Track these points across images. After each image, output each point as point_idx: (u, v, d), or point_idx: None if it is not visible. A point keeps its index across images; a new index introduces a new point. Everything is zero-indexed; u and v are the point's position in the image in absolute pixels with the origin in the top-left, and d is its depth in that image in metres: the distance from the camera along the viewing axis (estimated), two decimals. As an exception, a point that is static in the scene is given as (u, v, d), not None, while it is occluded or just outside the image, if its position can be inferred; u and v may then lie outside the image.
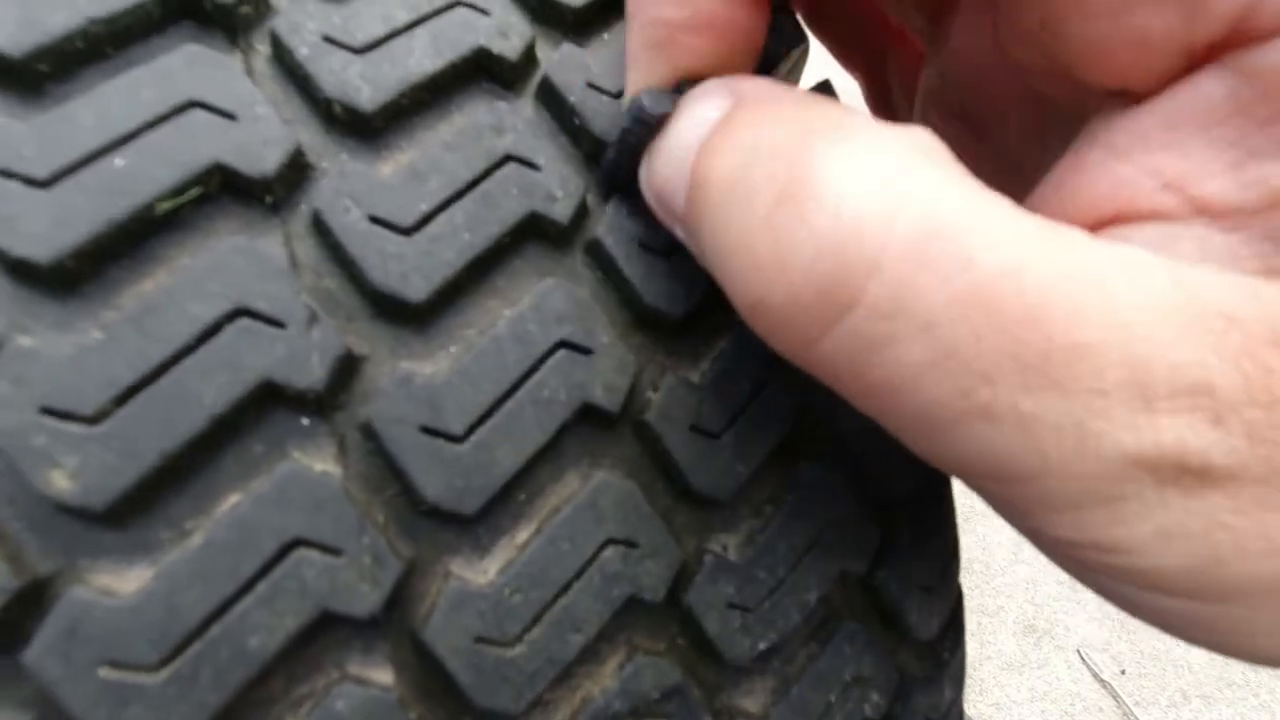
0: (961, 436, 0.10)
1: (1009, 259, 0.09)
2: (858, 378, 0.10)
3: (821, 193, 0.10)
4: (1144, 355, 0.09)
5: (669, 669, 0.15)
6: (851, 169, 0.10)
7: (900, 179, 0.10)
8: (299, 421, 0.13)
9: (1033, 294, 0.09)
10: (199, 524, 0.12)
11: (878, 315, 0.10)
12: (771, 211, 0.10)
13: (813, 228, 0.10)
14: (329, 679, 0.12)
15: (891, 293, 0.10)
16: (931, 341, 0.09)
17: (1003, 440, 0.10)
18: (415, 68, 0.15)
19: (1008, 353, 0.09)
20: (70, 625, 0.11)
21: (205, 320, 0.12)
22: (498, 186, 0.15)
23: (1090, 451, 0.09)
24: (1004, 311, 0.09)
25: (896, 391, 0.10)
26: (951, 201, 0.10)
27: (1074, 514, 0.10)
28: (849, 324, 0.10)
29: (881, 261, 0.10)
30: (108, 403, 0.11)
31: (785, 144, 0.11)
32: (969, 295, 0.09)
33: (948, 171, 0.10)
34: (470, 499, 0.13)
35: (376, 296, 0.13)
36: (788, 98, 0.12)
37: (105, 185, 0.12)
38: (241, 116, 0.13)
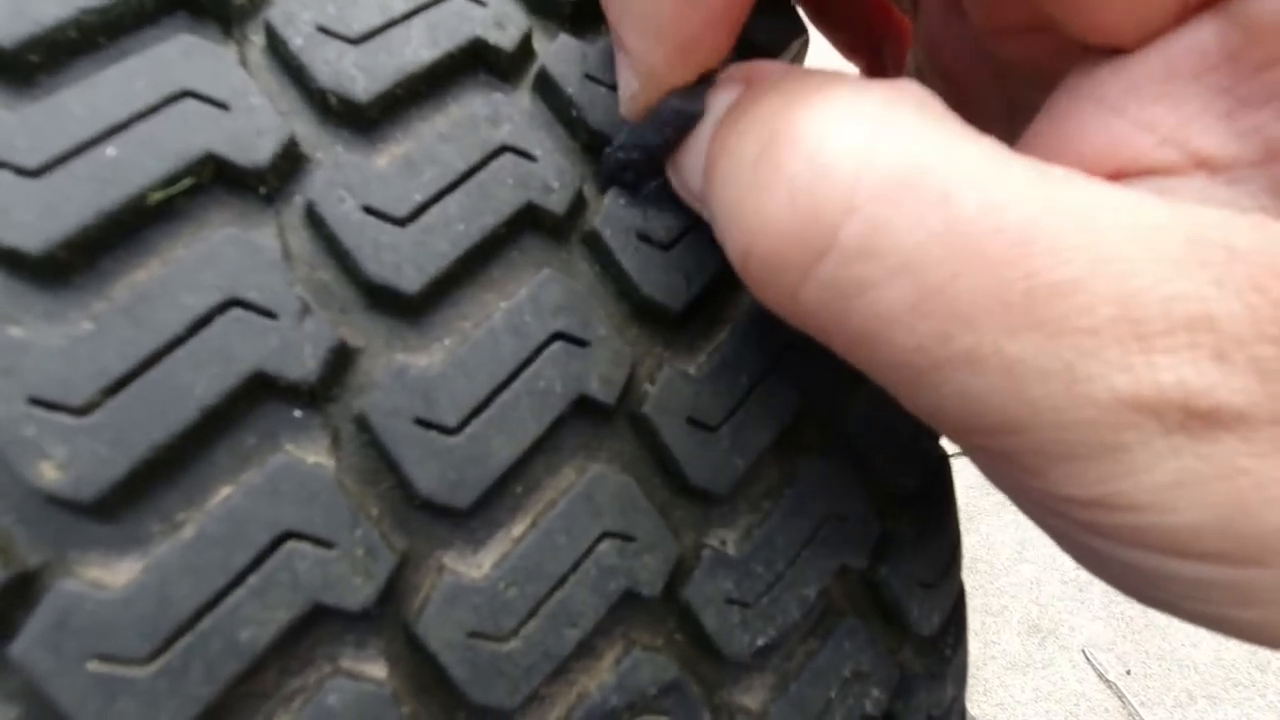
0: (945, 385, 0.10)
1: (989, 196, 0.09)
2: (839, 325, 0.10)
3: (798, 141, 0.10)
4: (1137, 290, 0.09)
5: (667, 664, 0.15)
6: (830, 117, 0.10)
7: (879, 123, 0.10)
8: (292, 413, 0.12)
9: (1013, 231, 0.09)
10: (190, 516, 0.12)
11: (853, 256, 0.10)
12: (755, 165, 0.11)
13: (789, 174, 0.10)
14: (321, 673, 0.12)
15: (866, 233, 0.09)
16: (909, 283, 0.09)
17: (988, 388, 0.09)
18: (411, 58, 0.14)
19: (989, 293, 0.09)
20: (59, 618, 0.11)
21: (197, 311, 0.12)
22: (493, 177, 0.14)
23: (1082, 396, 0.09)
24: (983, 250, 0.09)
25: (877, 338, 0.10)
26: (931, 142, 0.10)
27: (1070, 467, 0.09)
28: (826, 268, 0.10)
29: (855, 202, 0.09)
30: (98, 394, 0.11)
31: (773, 106, 0.11)
32: (946, 234, 0.09)
33: (931, 116, 0.10)
34: (464, 492, 0.13)
35: (370, 287, 0.13)
36: (789, 75, 0.12)
37: (97, 175, 0.12)
38: (235, 106, 0.13)
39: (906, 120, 0.10)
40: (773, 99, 0.11)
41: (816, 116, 0.10)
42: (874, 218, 0.09)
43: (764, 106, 0.11)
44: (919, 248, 0.09)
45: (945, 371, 0.09)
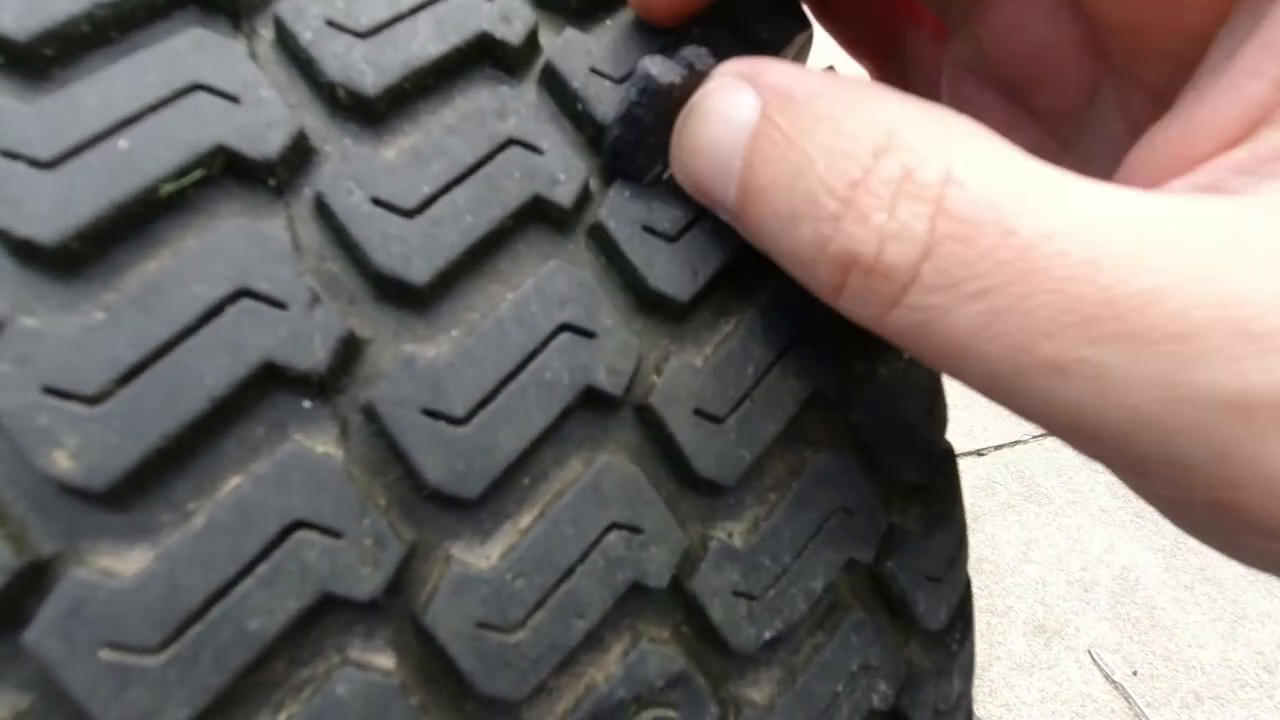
0: (1030, 391, 0.10)
1: (1049, 223, 0.10)
2: (924, 346, 0.11)
3: (878, 192, 0.11)
4: (1234, 291, 0.09)
5: (674, 656, 0.15)
6: (904, 164, 0.11)
7: (948, 166, 0.11)
8: (301, 403, 0.13)
9: (1079, 251, 0.10)
10: (200, 505, 0.12)
11: (933, 289, 0.11)
12: (837, 217, 0.12)
13: (875, 224, 0.11)
14: (330, 663, 0.12)
15: (943, 269, 0.11)
16: (983, 307, 0.10)
17: (1076, 393, 0.10)
18: (418, 52, 0.15)
19: (1063, 307, 0.10)
20: (71, 606, 0.11)
21: (208, 301, 0.12)
22: (500, 170, 0.14)
23: (1184, 400, 0.09)
24: (1050, 270, 0.10)
25: (961, 354, 0.11)
26: (993, 177, 0.11)
27: (1178, 469, 0.10)
28: (910, 299, 0.11)
29: (932, 245, 0.11)
30: (110, 383, 0.11)
31: (836, 149, 0.12)
32: (1014, 261, 0.10)
33: (990, 149, 0.11)
34: (472, 482, 0.13)
35: (379, 278, 0.13)
36: (820, 94, 0.13)
37: (109, 167, 0.12)
38: (245, 99, 0.13)
39: (968, 156, 0.11)
40: (826, 134, 0.12)
41: (892, 160, 0.11)
42: (949, 257, 0.11)
43: (818, 142, 0.12)
44: (989, 276, 0.10)
45: (1030, 378, 0.10)
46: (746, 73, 0.14)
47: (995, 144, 0.11)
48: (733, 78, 0.14)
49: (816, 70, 0.13)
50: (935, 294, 0.11)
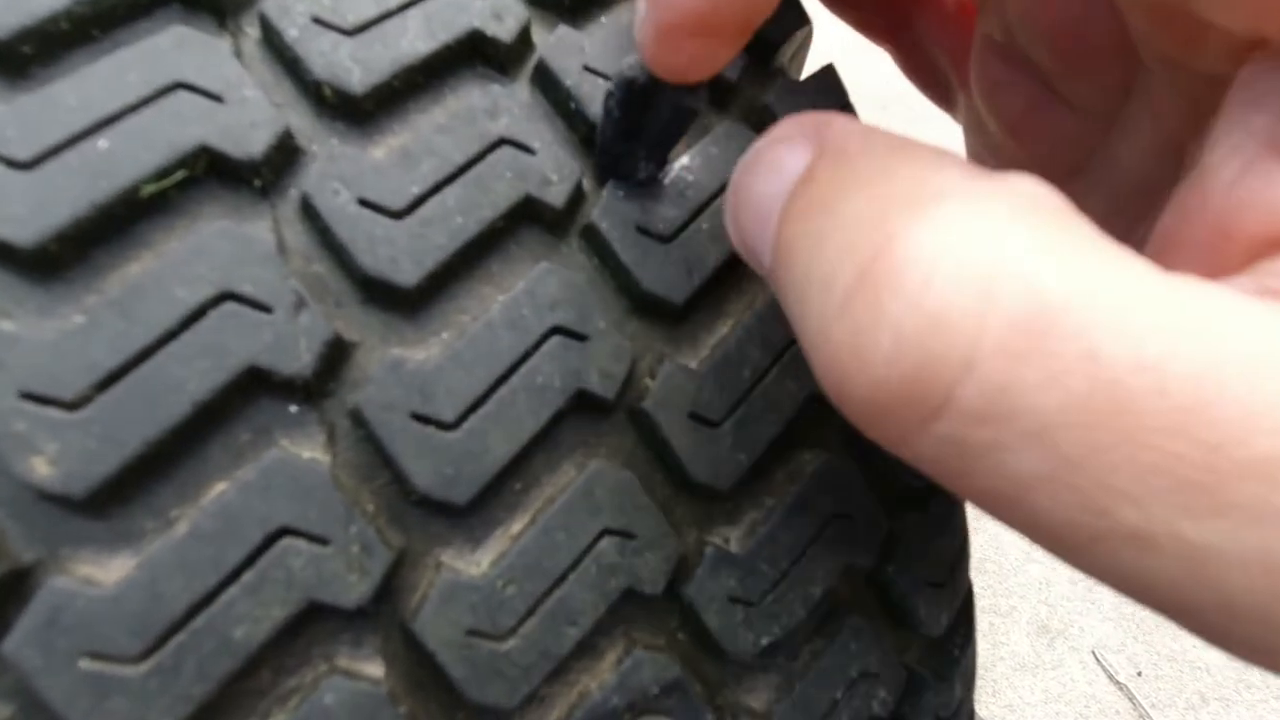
0: (1103, 558, 0.08)
1: (1145, 348, 0.07)
2: (962, 483, 0.09)
3: (901, 275, 0.08)
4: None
5: (669, 664, 0.14)
6: (937, 243, 0.08)
7: (998, 250, 0.08)
8: (287, 408, 0.12)
9: (1183, 394, 0.07)
10: (183, 512, 0.11)
11: (974, 420, 0.08)
12: (847, 298, 0.09)
13: (892, 318, 0.08)
14: (317, 672, 0.12)
15: (990, 394, 0.08)
16: (1046, 451, 0.08)
17: (1162, 569, 0.08)
18: (407, 50, 0.14)
19: (1156, 468, 0.07)
20: (51, 615, 0.10)
21: (190, 305, 0.12)
22: (491, 170, 0.14)
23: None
24: (1142, 416, 0.07)
25: (1012, 501, 0.08)
26: (1065, 275, 0.08)
27: (1276, 658, 0.08)
28: (941, 429, 0.08)
29: (975, 358, 0.08)
30: (89, 388, 0.11)
31: (864, 215, 0.09)
32: (1092, 396, 0.08)
33: (1061, 232, 0.08)
34: (462, 488, 0.13)
35: (366, 281, 0.13)
36: (873, 152, 0.10)
37: (89, 167, 0.12)
38: (229, 99, 0.13)
39: (1033, 239, 0.08)
40: (858, 198, 0.10)
41: (920, 238, 0.08)
42: (999, 375, 0.08)
43: (849, 205, 0.10)
44: (1057, 413, 0.08)
45: (1103, 545, 0.08)
46: (808, 123, 0.12)
47: (1073, 226, 0.08)
48: (794, 127, 0.12)
49: (886, 130, 0.11)
50: (977, 425, 0.08)
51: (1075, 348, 0.08)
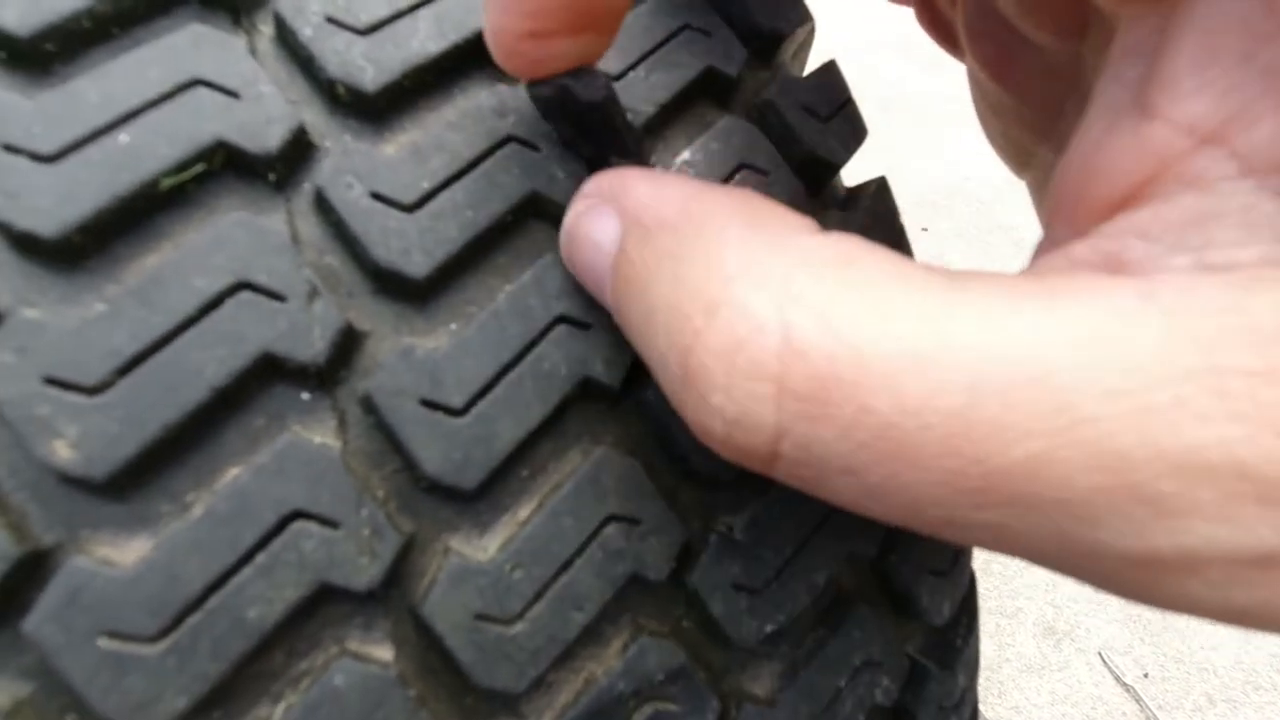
0: (943, 534, 0.10)
1: (911, 393, 0.09)
2: (817, 493, 0.10)
3: (711, 375, 0.10)
4: (1119, 452, 0.08)
5: (674, 650, 0.15)
6: (731, 340, 0.10)
7: (782, 333, 0.09)
8: (299, 395, 0.13)
9: (945, 424, 0.09)
10: (199, 496, 0.12)
11: (800, 465, 0.10)
12: (681, 383, 0.11)
13: (715, 408, 0.10)
14: (328, 654, 0.12)
15: (803, 448, 0.10)
16: (858, 483, 0.09)
17: (988, 543, 0.09)
18: (418, 49, 0.15)
19: (941, 482, 0.09)
20: (70, 595, 0.11)
21: (208, 294, 0.12)
22: (499, 166, 0.15)
23: (1087, 554, 0.08)
24: (918, 448, 0.09)
25: (863, 509, 0.10)
26: (843, 336, 0.09)
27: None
28: (780, 470, 0.10)
29: (783, 427, 0.10)
30: (110, 374, 0.11)
31: (674, 305, 0.11)
32: (876, 441, 0.09)
33: (845, 292, 0.10)
34: (470, 473, 0.13)
35: (378, 272, 0.13)
36: (665, 229, 0.12)
37: (110, 161, 0.12)
38: (245, 95, 0.13)
39: (816, 308, 0.09)
40: (667, 282, 0.11)
41: (717, 338, 0.10)
42: (803, 437, 0.09)
43: (660, 291, 0.11)
44: (855, 456, 0.09)
45: (933, 529, 0.10)
46: (607, 192, 0.13)
47: (856, 280, 0.10)
48: (595, 199, 0.13)
49: (681, 181, 0.12)
50: (803, 468, 0.10)
51: (852, 406, 0.09)
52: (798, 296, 0.10)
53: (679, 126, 0.17)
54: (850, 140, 0.18)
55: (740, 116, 0.17)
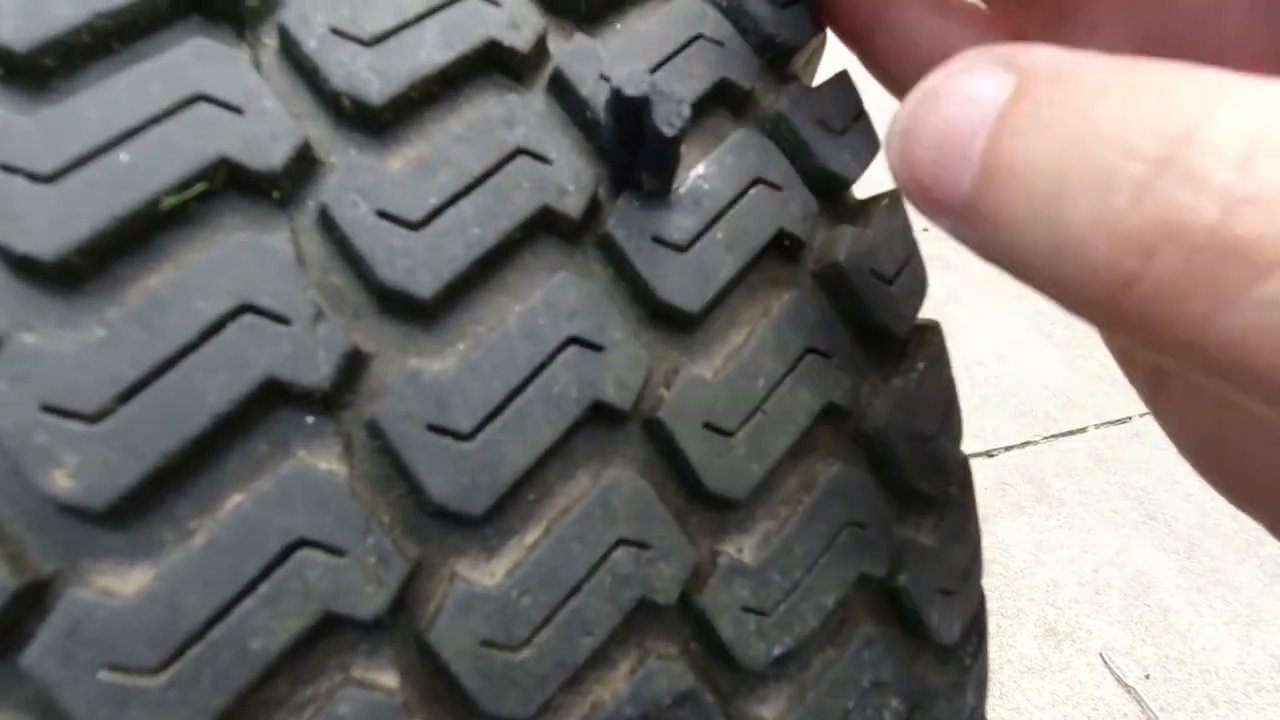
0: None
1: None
2: (1266, 370, 0.09)
3: (1223, 146, 0.09)
4: None
5: (682, 674, 0.14)
6: (1253, 120, 0.09)
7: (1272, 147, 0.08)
8: (304, 420, 0.12)
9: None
10: (201, 524, 0.11)
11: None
12: (1155, 173, 0.09)
13: (1218, 185, 0.09)
14: (333, 682, 0.12)
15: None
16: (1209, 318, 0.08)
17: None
18: (425, 60, 0.14)
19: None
20: (71, 626, 0.11)
21: (210, 317, 0.12)
22: (508, 180, 0.14)
23: None
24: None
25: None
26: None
27: None
28: (1259, 296, 0.08)
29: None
30: (110, 401, 0.11)
31: (1127, 123, 0.09)
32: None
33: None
34: (478, 499, 0.13)
35: (384, 292, 0.13)
36: (1092, 71, 0.10)
37: (110, 180, 0.12)
38: (248, 110, 0.13)
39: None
40: (1098, 109, 0.10)
41: (1236, 114, 0.09)
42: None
43: (1088, 119, 0.10)
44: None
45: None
46: (999, 53, 0.11)
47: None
48: (979, 57, 0.12)
49: (1075, 51, 0.11)
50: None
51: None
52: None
53: (694, 139, 0.16)
54: (864, 154, 0.18)
55: (754, 129, 0.17)
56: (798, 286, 0.17)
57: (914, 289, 0.18)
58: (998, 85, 0.11)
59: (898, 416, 0.17)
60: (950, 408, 0.19)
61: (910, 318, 0.18)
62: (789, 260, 0.17)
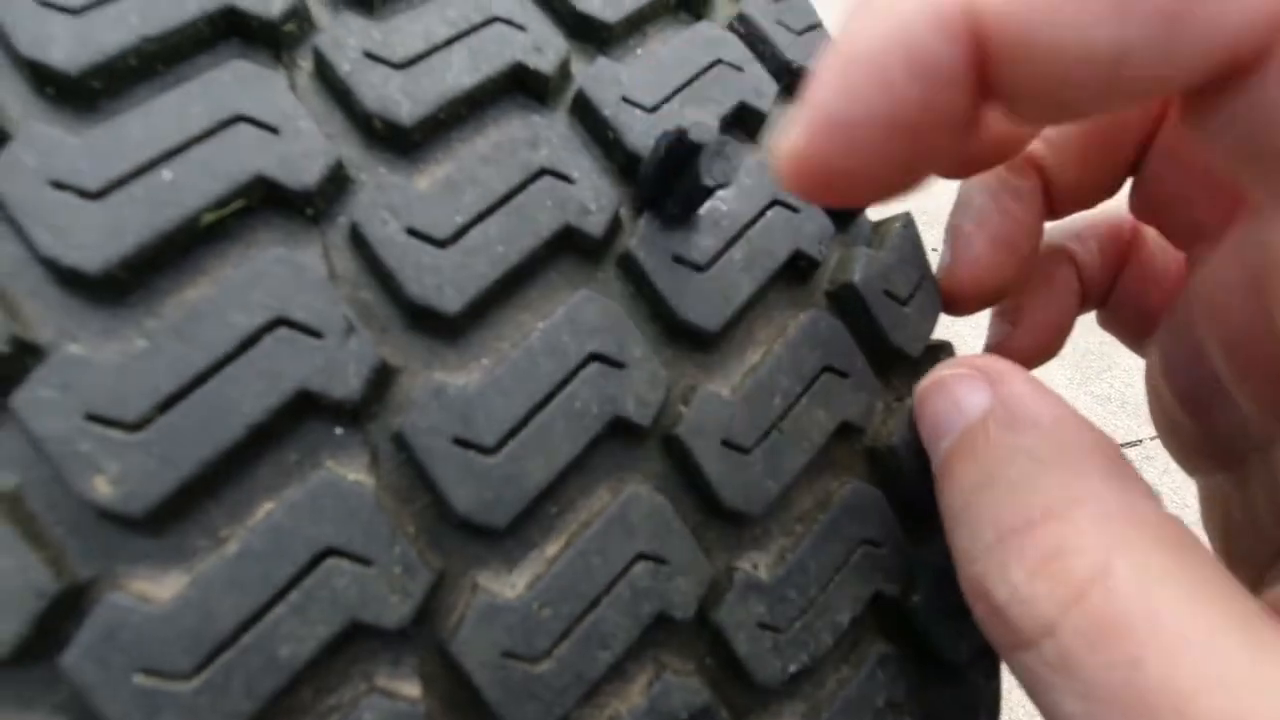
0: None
1: (1183, 679, 0.09)
2: (1034, 694, 0.12)
3: (1007, 558, 0.12)
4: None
5: (698, 689, 0.14)
6: (1050, 542, 0.11)
7: (1104, 560, 0.11)
8: (333, 431, 0.13)
9: (1198, 713, 0.09)
10: (234, 532, 0.12)
11: (1043, 665, 0.11)
12: (985, 549, 0.13)
13: (1010, 580, 0.12)
14: (357, 691, 0.12)
15: (1058, 655, 0.11)
16: (1083, 710, 0.10)
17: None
18: (453, 82, 0.15)
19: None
20: (107, 631, 0.11)
21: (246, 329, 0.12)
22: (532, 199, 0.15)
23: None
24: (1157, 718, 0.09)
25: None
26: (1153, 600, 0.10)
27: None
28: (1026, 660, 0.11)
29: (1056, 626, 0.11)
30: (150, 410, 0.11)
31: (1003, 494, 0.13)
32: (1126, 691, 0.10)
33: (1173, 567, 0.11)
34: (501, 511, 0.13)
35: (412, 308, 0.13)
36: (1033, 428, 0.13)
37: (154, 197, 0.12)
38: (284, 130, 0.13)
39: (1131, 559, 0.11)
40: (1015, 463, 0.13)
41: (1051, 529, 0.12)
42: (1068, 648, 0.11)
43: (1004, 466, 0.13)
44: (1099, 692, 0.10)
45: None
46: (992, 370, 0.14)
47: (1186, 563, 0.11)
48: (978, 371, 0.15)
49: (1055, 397, 0.14)
50: (1046, 669, 0.11)
51: (1128, 653, 0.10)
52: (1139, 543, 0.11)
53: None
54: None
55: (770, 152, 0.17)
56: (813, 306, 0.17)
57: (927, 310, 0.18)
58: (976, 405, 0.14)
59: (912, 436, 0.17)
60: (964, 427, 0.19)
61: (924, 338, 0.18)
62: (805, 280, 0.17)
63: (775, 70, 0.18)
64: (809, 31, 0.19)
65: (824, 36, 0.19)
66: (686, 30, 0.18)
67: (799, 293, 0.17)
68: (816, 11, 0.19)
